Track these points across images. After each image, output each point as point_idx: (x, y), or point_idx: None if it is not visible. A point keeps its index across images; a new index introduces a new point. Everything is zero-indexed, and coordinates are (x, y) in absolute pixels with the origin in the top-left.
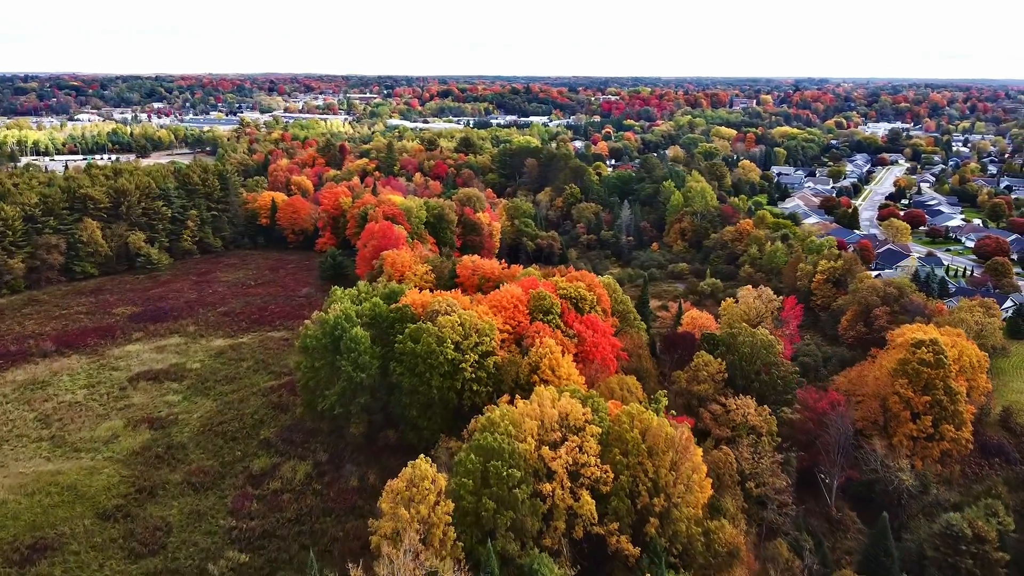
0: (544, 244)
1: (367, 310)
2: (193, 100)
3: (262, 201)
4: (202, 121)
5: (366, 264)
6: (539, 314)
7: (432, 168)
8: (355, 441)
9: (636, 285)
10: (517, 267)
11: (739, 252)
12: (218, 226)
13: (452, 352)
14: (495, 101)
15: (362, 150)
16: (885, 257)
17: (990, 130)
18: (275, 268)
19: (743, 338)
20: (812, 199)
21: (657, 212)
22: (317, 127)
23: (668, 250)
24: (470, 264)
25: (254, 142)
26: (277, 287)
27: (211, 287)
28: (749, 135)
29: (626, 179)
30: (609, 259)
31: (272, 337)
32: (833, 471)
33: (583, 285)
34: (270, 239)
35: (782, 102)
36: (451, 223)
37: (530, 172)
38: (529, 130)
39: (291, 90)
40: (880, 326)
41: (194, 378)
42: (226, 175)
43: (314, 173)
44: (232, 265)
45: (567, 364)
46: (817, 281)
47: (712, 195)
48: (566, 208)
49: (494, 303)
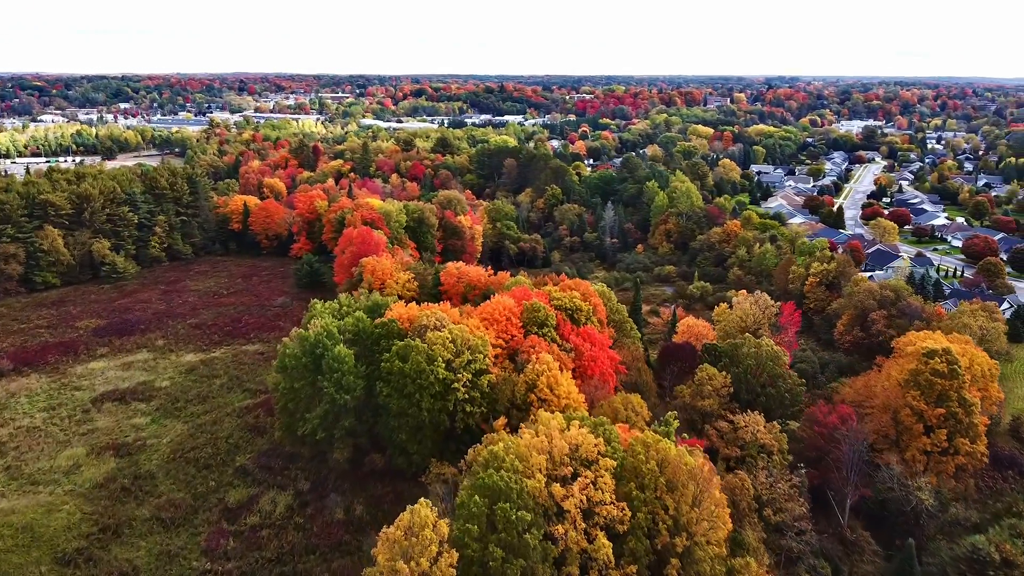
0: (527, 247)
1: (350, 325)
2: (161, 100)
3: (233, 205)
4: (170, 122)
5: (344, 271)
6: (533, 327)
7: (409, 169)
8: (339, 467)
9: (623, 289)
10: (504, 274)
11: (727, 254)
12: (188, 232)
13: (443, 371)
14: (469, 100)
15: (336, 151)
16: (875, 258)
17: (961, 127)
18: (248, 275)
19: (747, 349)
20: (795, 198)
21: (641, 213)
22: (289, 127)
23: (653, 252)
24: (455, 271)
25: (224, 143)
26: (250, 296)
27: (181, 297)
28: (726, 133)
29: (608, 179)
30: (593, 262)
31: (246, 351)
32: (846, 490)
33: (578, 295)
34: (242, 245)
35: (756, 100)
36: (432, 227)
37: (509, 173)
38: (505, 129)
39: (262, 90)
40: (878, 331)
41: (163, 398)
42: (195, 178)
43: (287, 175)
44: (203, 273)
45: (566, 382)
46: (810, 284)
47: (697, 196)
48: (548, 209)
49: (485, 316)
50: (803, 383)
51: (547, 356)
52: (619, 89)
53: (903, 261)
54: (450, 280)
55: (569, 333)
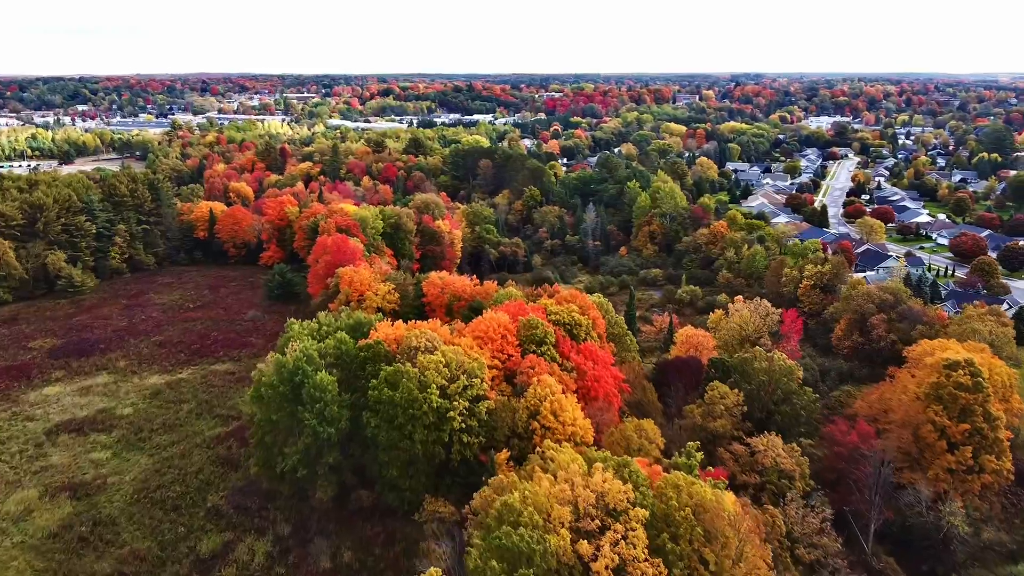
0: (508, 252)
1: (331, 348)
2: (120, 102)
3: (199, 212)
4: (131, 124)
5: (319, 282)
6: (531, 345)
7: (381, 171)
8: (323, 506)
9: (609, 294)
10: (491, 284)
11: (714, 256)
12: (150, 241)
13: (437, 399)
14: (437, 100)
15: (304, 153)
16: (865, 258)
17: (928, 123)
18: (215, 287)
19: (759, 364)
20: (775, 196)
21: (622, 214)
22: (254, 128)
23: (638, 255)
24: (438, 282)
25: (187, 146)
26: (219, 309)
27: (144, 312)
28: (699, 131)
29: (587, 180)
30: (576, 265)
31: (215, 371)
32: (870, 514)
33: (576, 308)
34: (209, 253)
35: (724, 97)
36: (409, 233)
37: (484, 174)
38: (476, 129)
39: (225, 90)
40: (879, 336)
41: (126, 427)
42: (157, 184)
43: (254, 178)
44: (167, 285)
45: (571, 407)
46: (804, 287)
47: (681, 196)
48: (526, 211)
49: (478, 334)
50: (817, 398)
51: (549, 379)
52: (588, 87)
53: (897, 262)
54: (433, 291)
55: (569, 351)
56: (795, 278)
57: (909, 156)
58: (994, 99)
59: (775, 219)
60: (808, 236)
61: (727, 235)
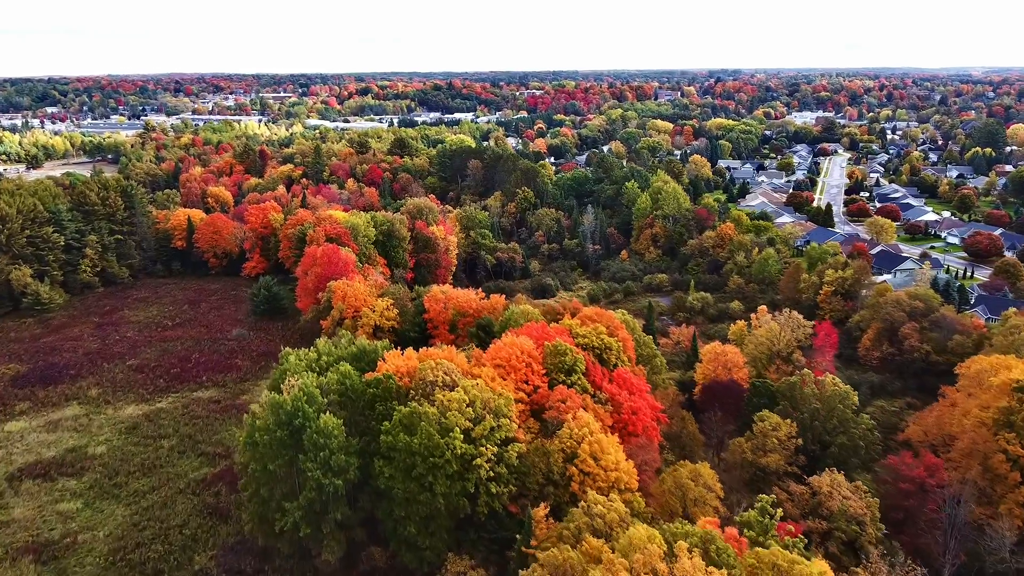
0: (505, 258)
1: (335, 384)
2: (91, 103)
3: (176, 220)
4: (102, 126)
5: (309, 296)
6: (559, 375)
7: (365, 173)
8: (329, 568)
9: (613, 301)
10: (498, 298)
11: (722, 260)
12: (124, 253)
13: (462, 444)
14: (417, 98)
15: (285, 155)
16: (881, 260)
17: (912, 117)
18: (195, 301)
19: (810, 390)
20: (774, 195)
21: (620, 216)
22: (231, 130)
23: (640, 259)
24: (440, 296)
25: (162, 148)
26: (200, 327)
27: (118, 331)
28: (686, 128)
29: (581, 180)
30: (576, 271)
31: (198, 399)
32: (944, 557)
33: (603, 329)
34: (188, 264)
35: (705, 93)
36: (403, 240)
37: (474, 175)
38: (459, 127)
39: (199, 91)
40: (911, 346)
41: (99, 470)
42: (131, 191)
43: (232, 182)
44: (143, 300)
45: (612, 448)
46: (825, 294)
47: (684, 197)
48: (519, 214)
49: (500, 362)
50: (873, 425)
51: (586, 416)
52: (569, 84)
53: (915, 264)
54: (436, 307)
55: (601, 379)
56: (814, 284)
57: (901, 152)
58: (972, 93)
59: (778, 219)
60: (816, 237)
61: (735, 238)
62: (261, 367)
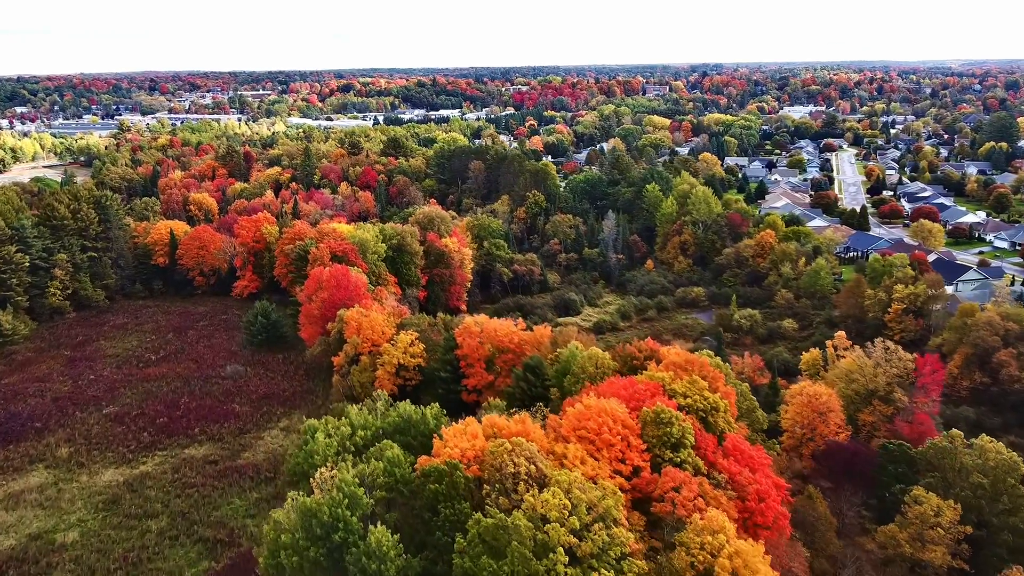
0: (523, 270)
1: (380, 475)
2: (63, 103)
3: (156, 234)
4: (74, 126)
5: (315, 324)
6: (665, 450)
7: (359, 176)
8: None
9: (646, 319)
10: (543, 330)
11: (763, 271)
12: (98, 272)
13: (566, 569)
14: (401, 95)
15: (271, 156)
16: (938, 270)
17: (907, 111)
18: (181, 328)
19: (971, 459)
20: (797, 196)
21: (641, 221)
22: (210, 129)
23: (667, 269)
24: (475, 328)
25: (138, 150)
26: (188, 362)
27: (92, 368)
28: (684, 124)
29: (595, 182)
30: (598, 283)
31: (191, 459)
32: None
33: (703, 383)
34: (171, 283)
35: (693, 87)
36: (415, 255)
37: (476, 177)
38: (449, 125)
39: (175, 89)
40: (1009, 375)
41: (69, 567)
42: (105, 202)
43: (215, 187)
44: (121, 327)
45: (758, 559)
46: (894, 312)
47: (716, 201)
48: (530, 220)
49: (584, 434)
50: None
51: (718, 516)
52: (556, 80)
53: (1006, 280)
54: (470, 342)
55: (712, 452)
56: (881, 301)
57: (910, 147)
58: (958, 85)
59: (810, 223)
60: (858, 244)
61: (778, 247)
62: (263, 414)
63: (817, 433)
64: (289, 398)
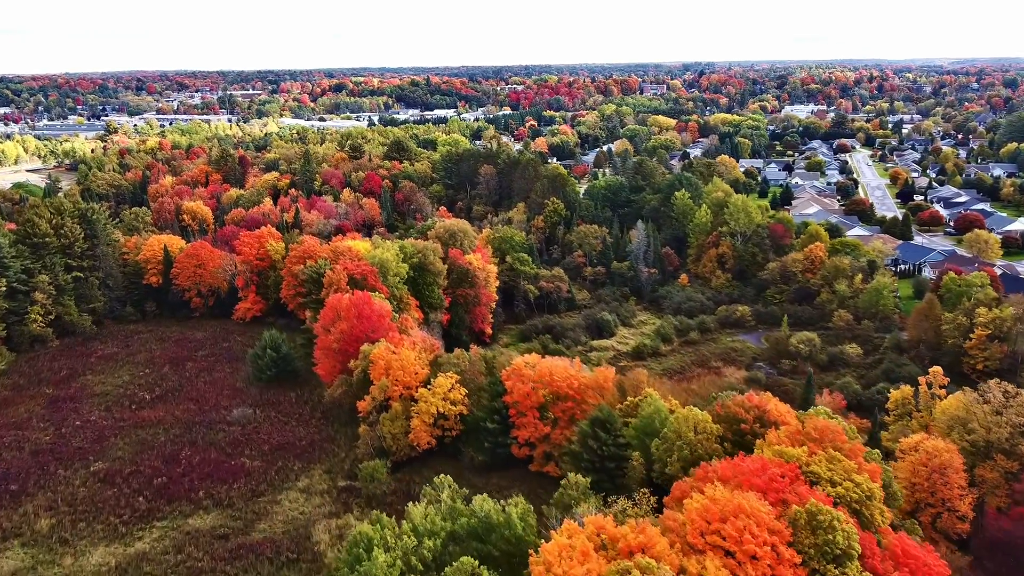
0: (550, 287)
1: None
2: (48, 103)
3: (149, 250)
4: (59, 127)
5: (333, 359)
6: (824, 563)
7: (362, 182)
8: None
9: (690, 342)
10: (606, 372)
11: (813, 287)
12: (85, 294)
13: None
14: (394, 95)
15: (267, 161)
16: (1011, 287)
17: (911, 110)
18: (178, 358)
19: None
20: (826, 201)
21: (669, 231)
22: (200, 131)
23: (704, 284)
24: (527, 372)
25: (125, 153)
26: (188, 402)
27: (78, 412)
28: (691, 124)
29: (616, 188)
30: (629, 300)
31: (196, 533)
32: None
33: (849, 464)
34: (165, 305)
35: (691, 86)
36: (438, 275)
37: (486, 182)
38: (448, 126)
39: (162, 88)
40: None
41: None
42: (91, 215)
43: (209, 193)
44: (110, 358)
45: None
46: (978, 338)
47: (756, 210)
48: (548, 229)
49: (716, 537)
50: None
51: None
52: (552, 79)
53: None
54: (521, 387)
55: (879, 561)
56: (961, 325)
57: (927, 147)
58: (955, 84)
59: (849, 232)
60: (908, 256)
61: (830, 262)
62: (277, 469)
63: (937, 497)
64: (307, 449)
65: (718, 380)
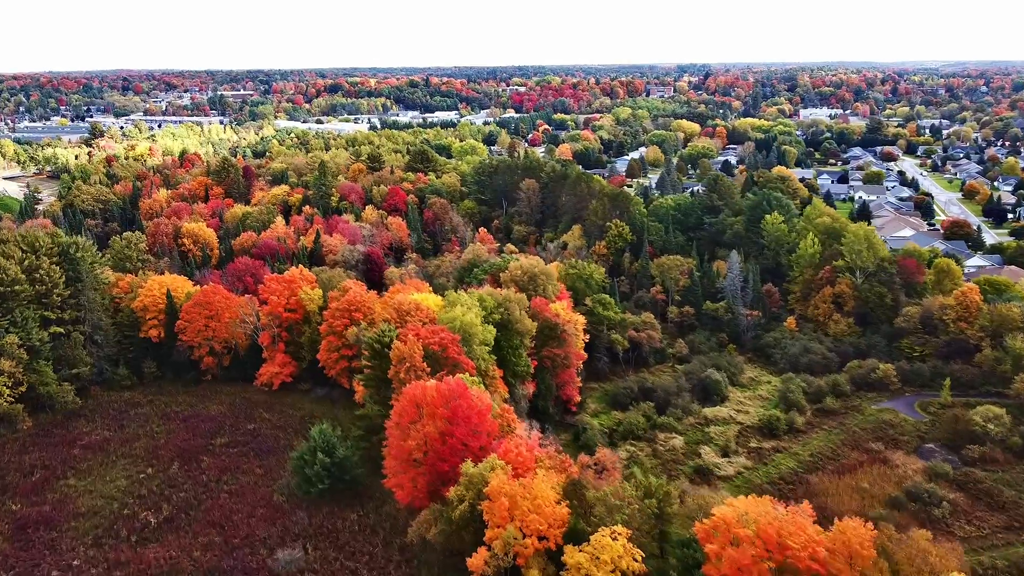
0: (641, 337)
1: None
2: (29, 103)
3: (148, 296)
4: (41, 130)
5: (417, 477)
6: None
7: (384, 197)
8: None
9: (823, 410)
10: (855, 525)
11: (972, 341)
12: (65, 355)
13: None
14: (393, 96)
15: (274, 171)
16: None
17: (934, 115)
18: (190, 450)
19: None
20: (911, 220)
21: (758, 262)
22: (192, 134)
23: (819, 330)
24: (740, 531)
25: (113, 161)
26: (208, 528)
27: (54, 548)
28: (719, 129)
29: (687, 210)
30: (729, 349)
31: None
32: None
33: None
34: (167, 364)
35: (697, 88)
36: (525, 336)
37: (528, 198)
38: (457, 130)
39: (149, 88)
40: None
41: None
42: (75, 252)
43: (209, 210)
44: (99, 447)
45: None
46: None
47: (880, 242)
48: (612, 257)
49: None
50: None
51: None
52: (555, 80)
53: None
54: (734, 556)
55: None
56: None
57: (983, 156)
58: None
59: (968, 263)
60: None
61: (985, 308)
62: None
63: None
64: None
65: (889, 472)
